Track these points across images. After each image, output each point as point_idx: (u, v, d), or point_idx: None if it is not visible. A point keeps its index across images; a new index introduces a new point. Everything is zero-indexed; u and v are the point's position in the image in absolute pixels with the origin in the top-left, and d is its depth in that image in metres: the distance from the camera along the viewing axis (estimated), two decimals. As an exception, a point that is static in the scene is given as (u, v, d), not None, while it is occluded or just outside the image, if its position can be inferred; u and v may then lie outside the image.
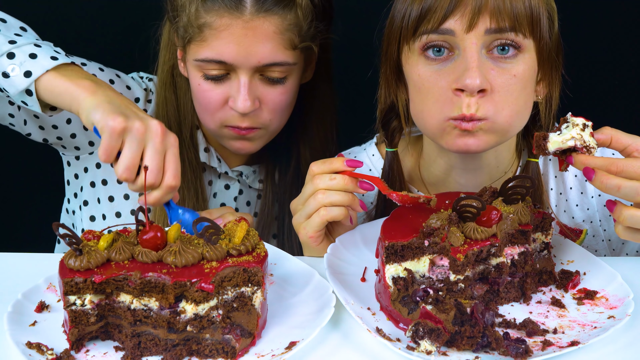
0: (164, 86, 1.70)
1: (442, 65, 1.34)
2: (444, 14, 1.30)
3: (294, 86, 1.64)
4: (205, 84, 1.58)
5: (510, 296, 1.24)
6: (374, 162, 1.67)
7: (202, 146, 1.74)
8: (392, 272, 1.17)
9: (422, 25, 1.32)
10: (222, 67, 1.55)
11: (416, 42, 1.35)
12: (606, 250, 1.62)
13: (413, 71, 1.38)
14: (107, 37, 2.40)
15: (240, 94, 1.56)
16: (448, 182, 1.55)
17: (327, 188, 1.33)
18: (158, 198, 1.24)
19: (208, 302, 1.08)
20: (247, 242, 1.13)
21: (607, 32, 2.40)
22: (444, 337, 1.06)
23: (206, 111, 1.62)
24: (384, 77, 1.47)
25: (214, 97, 1.59)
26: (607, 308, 1.20)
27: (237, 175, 1.80)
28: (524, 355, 1.05)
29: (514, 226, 1.22)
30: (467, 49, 1.30)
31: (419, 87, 1.37)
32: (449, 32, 1.31)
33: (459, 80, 1.30)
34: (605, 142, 1.19)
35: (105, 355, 1.10)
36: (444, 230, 1.16)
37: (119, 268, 1.09)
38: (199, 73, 1.58)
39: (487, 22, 1.29)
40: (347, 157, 1.35)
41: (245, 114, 1.58)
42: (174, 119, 1.69)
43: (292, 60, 1.58)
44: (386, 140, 1.55)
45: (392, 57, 1.43)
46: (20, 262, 1.37)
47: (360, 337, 1.14)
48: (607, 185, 1.14)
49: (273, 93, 1.60)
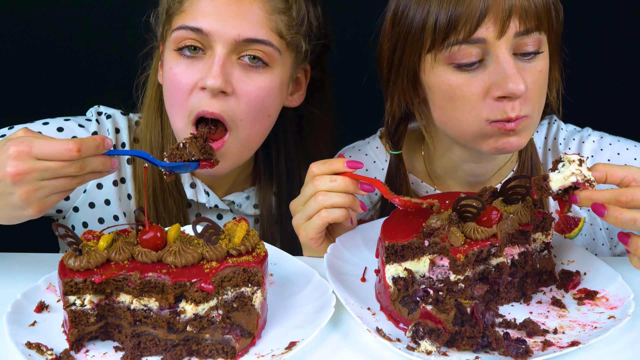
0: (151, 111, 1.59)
1: (473, 73, 1.33)
2: (476, 23, 1.28)
3: (275, 87, 1.49)
4: (177, 66, 1.45)
5: (510, 296, 1.24)
6: (378, 155, 1.67)
7: (187, 182, 1.61)
8: (392, 272, 1.17)
9: (452, 36, 1.30)
10: (197, 38, 1.43)
11: (444, 52, 1.32)
12: (604, 239, 1.62)
13: (441, 80, 1.36)
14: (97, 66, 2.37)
15: (213, 69, 1.41)
16: (456, 174, 1.56)
17: (328, 189, 1.32)
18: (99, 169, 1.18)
19: (208, 302, 1.08)
20: (247, 242, 1.13)
21: (607, 31, 2.40)
22: (444, 337, 1.06)
23: (175, 101, 1.47)
24: (399, 86, 1.43)
25: (183, 80, 1.44)
26: (608, 308, 1.19)
27: (228, 204, 1.67)
28: (524, 356, 1.05)
29: (514, 226, 1.22)
30: (500, 55, 1.30)
31: (450, 96, 1.36)
32: (481, 41, 1.30)
33: (501, 87, 1.30)
34: (601, 179, 1.17)
35: (105, 355, 1.10)
36: (444, 230, 1.16)
37: (118, 268, 1.09)
38: (173, 54, 1.46)
39: (516, 25, 1.29)
40: (347, 159, 1.35)
41: (213, 95, 1.42)
42: (157, 144, 1.57)
43: (276, 44, 1.45)
44: (391, 144, 1.54)
45: (408, 67, 1.40)
46: (20, 262, 1.37)
47: (360, 337, 1.14)
48: (623, 220, 1.11)
49: (249, 83, 1.45)
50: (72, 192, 1.51)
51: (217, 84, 1.40)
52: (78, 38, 2.23)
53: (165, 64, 1.49)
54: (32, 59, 2.30)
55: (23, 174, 1.13)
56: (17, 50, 2.24)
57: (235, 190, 1.68)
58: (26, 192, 1.14)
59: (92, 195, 1.58)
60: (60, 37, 2.23)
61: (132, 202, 1.61)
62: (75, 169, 1.15)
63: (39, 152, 1.13)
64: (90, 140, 1.15)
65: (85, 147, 1.14)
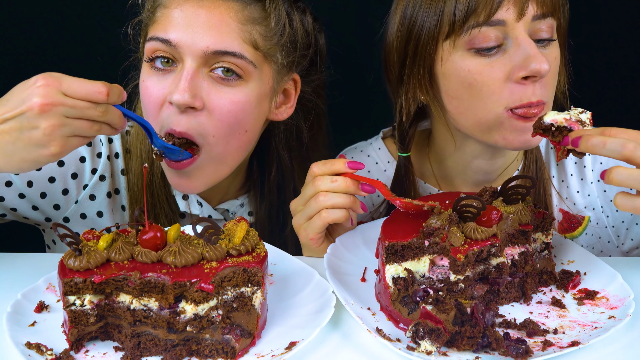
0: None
1: (492, 57, 1.34)
2: (496, 4, 1.30)
3: (251, 101, 1.40)
4: (149, 79, 1.40)
5: (510, 296, 1.24)
6: (380, 156, 1.67)
7: (179, 195, 1.58)
8: (392, 272, 1.17)
9: (471, 19, 1.31)
10: (168, 50, 1.37)
11: (463, 36, 1.33)
12: (610, 237, 1.62)
13: (459, 67, 1.36)
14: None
15: (180, 83, 1.34)
16: (465, 174, 1.55)
17: (329, 190, 1.32)
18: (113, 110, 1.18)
19: (208, 302, 1.08)
20: (247, 242, 1.13)
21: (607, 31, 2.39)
22: (444, 337, 1.06)
23: (149, 114, 1.41)
24: (415, 78, 1.43)
25: (154, 93, 1.39)
26: (608, 308, 1.19)
27: (222, 212, 1.65)
28: (525, 356, 1.05)
29: (514, 226, 1.22)
30: (520, 36, 1.31)
31: (469, 83, 1.35)
32: (500, 23, 1.31)
33: (524, 67, 1.30)
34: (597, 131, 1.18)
35: (104, 355, 1.10)
36: (444, 230, 1.16)
37: (118, 268, 1.09)
38: (145, 66, 1.42)
39: (534, 7, 1.32)
40: (348, 160, 1.34)
41: (182, 111, 1.36)
42: (147, 156, 1.53)
43: (249, 57, 1.37)
44: (401, 146, 1.53)
45: (424, 56, 1.39)
46: (19, 262, 1.37)
47: (360, 337, 1.14)
48: (592, 143, 1.11)
49: (221, 97, 1.37)
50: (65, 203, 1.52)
51: (184, 99, 1.33)
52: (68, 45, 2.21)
53: (140, 76, 1.45)
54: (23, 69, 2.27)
55: (51, 105, 1.11)
56: (5, 61, 2.23)
57: (229, 199, 1.67)
58: (51, 125, 1.12)
59: (84, 206, 1.55)
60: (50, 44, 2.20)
61: (126, 214, 1.59)
62: (99, 113, 1.15)
63: (68, 89, 1.13)
64: (116, 87, 1.16)
65: (112, 93, 1.15)
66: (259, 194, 1.67)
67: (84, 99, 1.14)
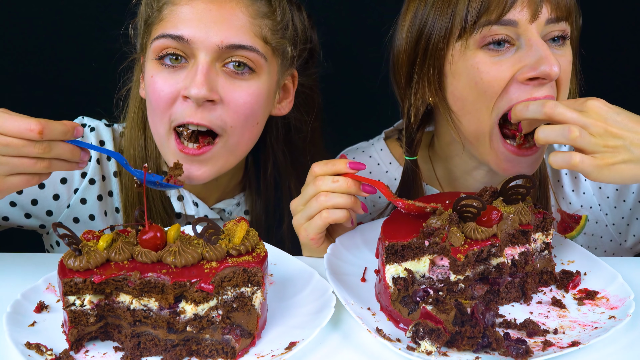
0: (134, 127, 1.56)
1: (502, 56, 1.33)
2: (509, 4, 1.30)
3: (262, 93, 1.43)
4: (158, 75, 1.40)
5: (510, 296, 1.24)
6: (382, 157, 1.66)
7: (174, 196, 1.58)
8: (392, 272, 1.17)
9: (483, 17, 1.31)
10: (178, 47, 1.38)
11: (475, 34, 1.33)
12: (612, 235, 1.62)
13: (469, 65, 1.35)
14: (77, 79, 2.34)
15: (197, 77, 1.35)
16: (467, 180, 1.54)
17: (330, 190, 1.32)
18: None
19: (208, 302, 1.08)
20: (247, 242, 1.13)
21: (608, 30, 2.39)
22: (444, 337, 1.05)
23: (156, 109, 1.41)
24: (424, 77, 1.42)
25: (165, 89, 1.39)
26: (608, 308, 1.19)
27: (218, 212, 1.65)
28: (525, 356, 1.05)
29: (515, 226, 1.22)
30: (533, 38, 1.31)
31: (475, 82, 1.35)
32: (512, 23, 1.31)
33: (534, 68, 1.29)
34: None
35: (104, 355, 1.10)
36: (444, 230, 1.16)
37: (118, 268, 1.09)
38: (153, 64, 1.41)
39: (548, 11, 1.31)
40: (350, 160, 1.34)
41: (199, 105, 1.36)
42: (140, 160, 1.54)
43: (261, 50, 1.40)
44: (408, 149, 1.52)
45: (435, 56, 1.39)
46: (19, 262, 1.37)
47: (360, 337, 1.14)
48: (517, 108, 1.23)
49: (236, 90, 1.39)
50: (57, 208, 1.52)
51: (202, 93, 1.34)
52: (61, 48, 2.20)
53: (147, 74, 1.44)
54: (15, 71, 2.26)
55: None
56: (5, 61, 2.22)
57: (226, 197, 1.67)
58: None
59: (76, 210, 1.55)
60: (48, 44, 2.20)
61: (120, 216, 1.59)
62: (39, 150, 1.13)
63: (0, 127, 1.12)
64: (57, 124, 1.14)
65: (49, 130, 1.13)
66: (255, 191, 1.67)
67: (17, 137, 1.12)
